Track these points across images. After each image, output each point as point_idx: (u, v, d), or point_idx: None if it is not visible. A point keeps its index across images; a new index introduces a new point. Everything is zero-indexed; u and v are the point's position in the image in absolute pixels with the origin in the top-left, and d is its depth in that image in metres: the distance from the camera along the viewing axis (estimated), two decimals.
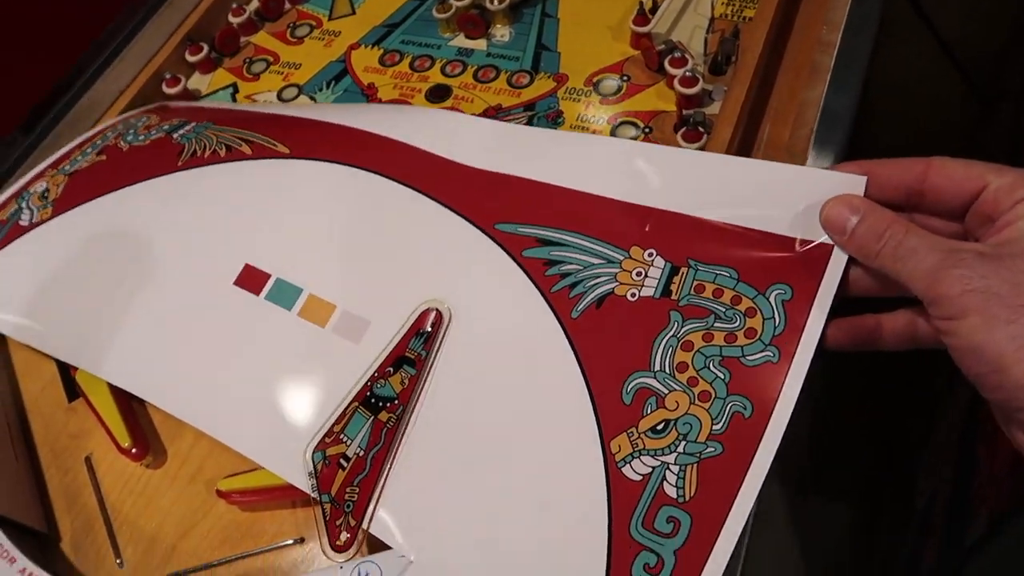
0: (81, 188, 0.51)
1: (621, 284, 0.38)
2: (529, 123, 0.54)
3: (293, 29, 0.65)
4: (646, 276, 0.38)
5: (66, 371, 0.48)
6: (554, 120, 0.53)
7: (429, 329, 0.40)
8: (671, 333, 0.36)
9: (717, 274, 0.36)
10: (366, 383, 0.39)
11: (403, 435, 0.38)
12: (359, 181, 0.45)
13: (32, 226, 0.50)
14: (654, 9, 0.56)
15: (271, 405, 0.41)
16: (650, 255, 0.38)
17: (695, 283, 0.37)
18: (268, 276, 0.44)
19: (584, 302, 0.38)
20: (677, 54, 0.52)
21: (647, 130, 0.52)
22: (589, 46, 0.57)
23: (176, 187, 0.49)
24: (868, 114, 0.46)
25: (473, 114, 0.55)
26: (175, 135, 0.52)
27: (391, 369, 0.39)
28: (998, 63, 0.96)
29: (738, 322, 0.35)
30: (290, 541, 0.40)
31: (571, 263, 0.39)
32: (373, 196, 0.45)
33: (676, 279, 0.37)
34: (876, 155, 0.38)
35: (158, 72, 0.61)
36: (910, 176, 0.34)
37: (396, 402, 0.38)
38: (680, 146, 0.48)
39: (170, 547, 0.41)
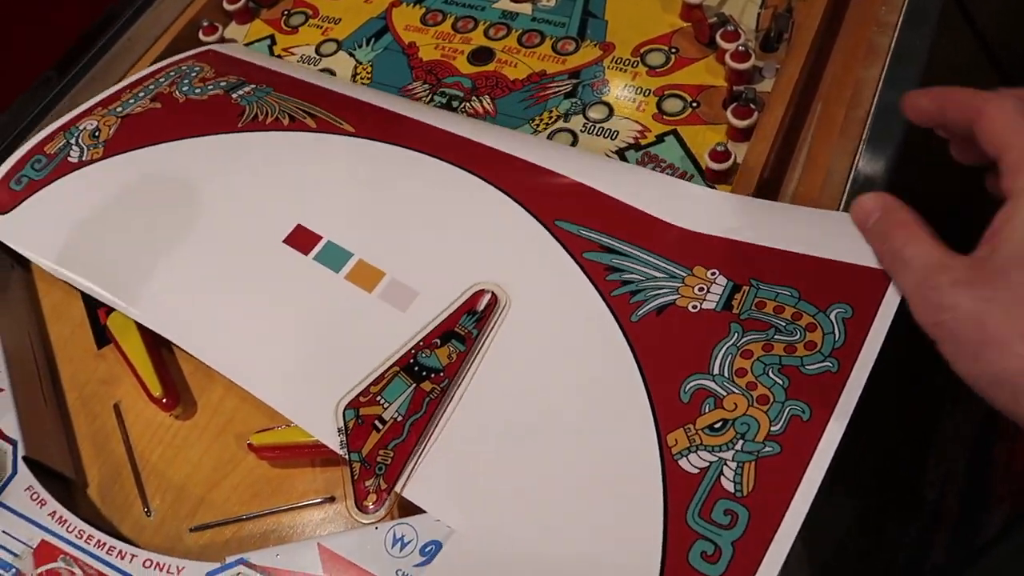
0: (135, 132, 0.51)
1: (683, 297, 0.38)
2: (573, 91, 0.53)
3: None
4: (708, 291, 0.38)
5: (95, 317, 0.47)
6: (599, 89, 0.52)
7: (481, 309, 0.39)
8: (731, 342, 0.36)
9: (778, 293, 0.37)
10: (410, 350, 0.39)
11: (448, 408, 0.37)
12: (422, 164, 0.46)
13: (81, 164, 0.50)
14: None
15: (306, 360, 0.40)
16: (713, 274, 0.38)
17: (756, 300, 0.37)
18: (320, 238, 0.43)
19: (645, 309, 0.38)
20: (730, 28, 0.51)
21: (694, 104, 0.51)
22: (637, 16, 0.56)
23: (235, 146, 0.49)
24: None
25: (516, 79, 0.54)
26: (234, 94, 0.52)
27: (438, 341, 0.39)
28: None
29: (798, 335, 0.35)
30: (319, 499, 0.40)
31: (633, 273, 0.39)
32: (435, 179, 0.45)
33: (738, 296, 0.37)
34: (928, 150, 0.38)
35: (195, 19, 0.60)
36: (966, 116, 0.32)
37: (442, 375, 0.38)
38: (730, 122, 0.47)
39: (198, 499, 0.41)
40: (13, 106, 0.54)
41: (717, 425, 0.34)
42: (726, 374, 0.35)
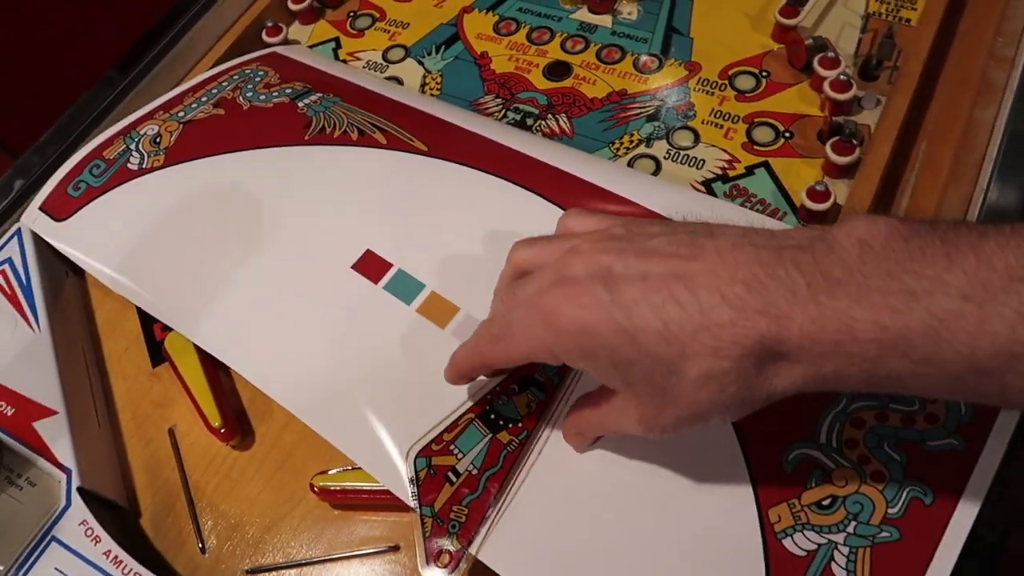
0: (197, 140, 0.49)
1: None
2: (656, 114, 0.50)
3: None
4: None
5: (150, 334, 0.46)
6: (684, 113, 0.49)
7: None
8: (840, 408, 0.33)
9: None
10: (485, 396, 0.36)
11: (527, 463, 0.35)
12: (500, 190, 0.43)
13: (141, 172, 0.48)
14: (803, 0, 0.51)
15: (375, 400, 0.38)
16: None
17: None
18: (390, 265, 0.41)
19: None
20: (829, 54, 0.47)
21: (787, 135, 0.47)
22: (725, 34, 0.53)
23: (302, 160, 0.46)
24: None
25: (595, 97, 0.51)
26: (300, 103, 0.49)
27: (516, 388, 0.36)
28: None
29: (917, 405, 0.33)
30: (383, 548, 0.38)
31: None
32: (514, 207, 0.42)
33: None
34: None
35: (259, 19, 0.58)
36: (491, 364, 0.35)
37: (520, 425, 0.35)
38: (828, 157, 0.44)
39: (255, 538, 0.39)
40: (75, 106, 0.52)
41: (825, 502, 0.32)
42: (835, 444, 0.33)
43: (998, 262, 0.23)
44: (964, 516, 0.30)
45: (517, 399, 0.36)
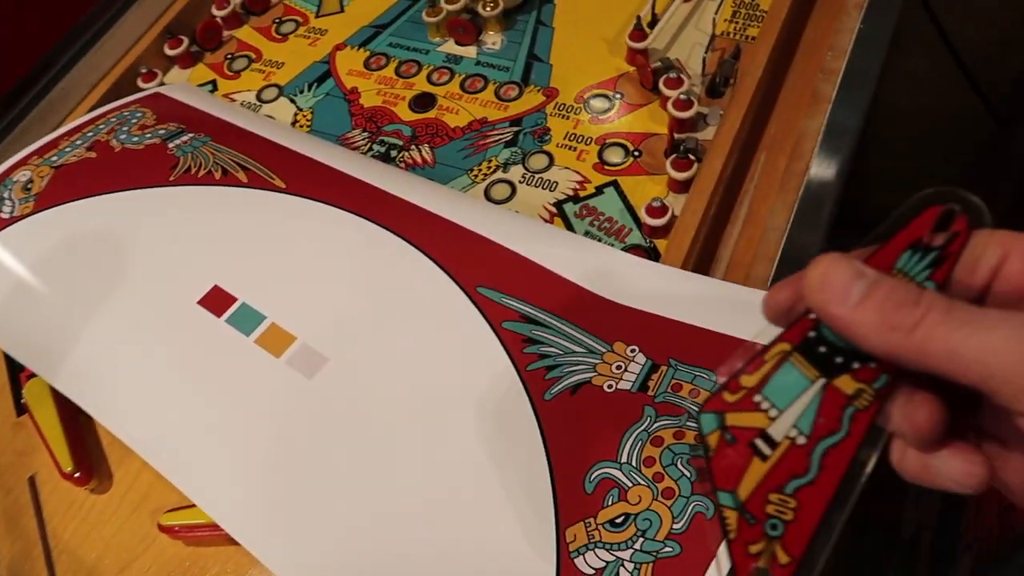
0: (66, 185, 0.49)
1: (599, 375, 0.37)
2: (514, 140, 0.51)
3: (279, 25, 0.62)
4: (625, 370, 0.36)
5: (16, 383, 0.46)
6: (540, 137, 0.51)
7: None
8: (642, 427, 0.34)
9: (696, 375, 0.35)
10: (801, 318, 0.28)
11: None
12: (348, 224, 0.44)
13: (12, 220, 0.48)
14: (653, 23, 0.53)
15: (206, 432, 0.38)
16: (632, 351, 0.37)
17: (673, 382, 0.36)
18: (234, 300, 0.42)
19: (559, 386, 0.36)
20: (673, 74, 0.49)
21: (636, 154, 0.49)
22: (583, 59, 0.55)
23: (164, 201, 0.47)
24: (873, 140, 0.43)
25: (456, 127, 0.53)
26: (171, 144, 0.50)
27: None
28: (1016, 85, 0.93)
29: None
30: None
31: (552, 346, 0.38)
32: (360, 241, 0.43)
33: (655, 376, 0.36)
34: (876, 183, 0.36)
35: (135, 65, 0.58)
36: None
37: (873, 366, 0.22)
38: (669, 174, 0.46)
39: None
40: None
41: (619, 520, 0.32)
42: (634, 463, 0.33)
43: None
44: None
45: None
